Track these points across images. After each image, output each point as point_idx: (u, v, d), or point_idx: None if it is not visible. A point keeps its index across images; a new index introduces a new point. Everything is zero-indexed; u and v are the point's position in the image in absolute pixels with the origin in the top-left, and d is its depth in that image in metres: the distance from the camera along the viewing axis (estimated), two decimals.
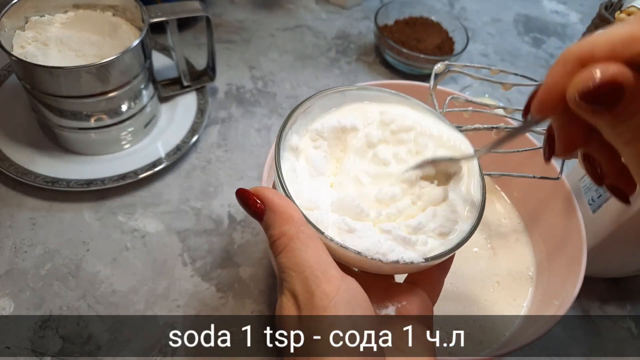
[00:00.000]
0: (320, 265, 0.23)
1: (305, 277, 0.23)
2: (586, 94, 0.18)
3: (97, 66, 0.46)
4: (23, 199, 0.51)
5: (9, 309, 0.43)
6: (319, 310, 0.22)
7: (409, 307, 0.27)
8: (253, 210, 0.25)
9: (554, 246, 0.45)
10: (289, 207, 0.25)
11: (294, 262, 0.24)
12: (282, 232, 0.24)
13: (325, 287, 0.23)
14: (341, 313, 0.22)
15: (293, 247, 0.24)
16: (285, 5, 0.78)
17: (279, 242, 0.24)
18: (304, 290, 0.23)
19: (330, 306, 0.22)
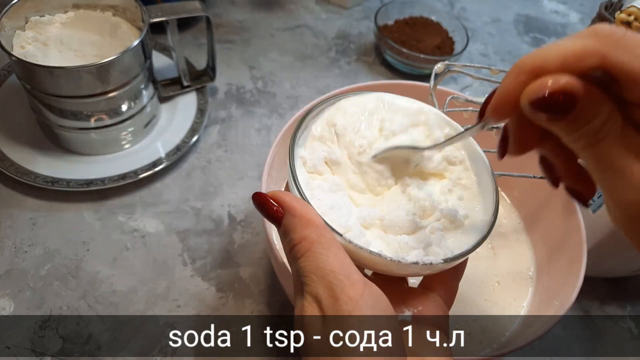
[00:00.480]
0: (344, 269, 0.23)
1: (328, 281, 0.23)
2: (537, 102, 0.19)
3: (97, 66, 0.46)
4: (23, 199, 0.51)
5: (9, 309, 0.43)
6: (344, 314, 0.22)
7: (425, 312, 0.27)
8: (272, 215, 0.25)
9: (554, 246, 0.45)
10: (309, 211, 0.25)
11: (316, 266, 0.23)
12: (303, 237, 0.24)
13: (350, 292, 0.22)
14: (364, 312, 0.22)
15: (315, 252, 0.23)
16: (285, 5, 0.78)
17: (300, 247, 0.24)
18: (328, 294, 0.23)
19: (356, 310, 0.22)
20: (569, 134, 0.20)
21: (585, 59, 0.19)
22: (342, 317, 0.22)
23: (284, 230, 0.25)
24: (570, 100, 0.19)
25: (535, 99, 0.19)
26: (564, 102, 0.19)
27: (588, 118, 0.19)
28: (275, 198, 0.25)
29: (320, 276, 0.23)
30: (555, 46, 0.19)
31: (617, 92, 0.19)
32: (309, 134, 0.30)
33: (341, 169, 0.30)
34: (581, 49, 0.19)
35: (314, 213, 0.25)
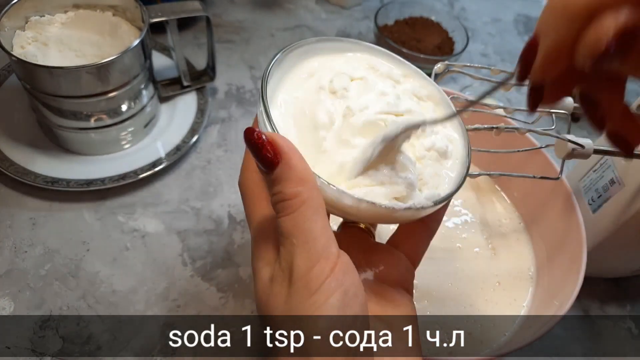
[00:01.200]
0: (324, 238, 0.22)
1: (309, 248, 0.21)
2: (604, 57, 0.17)
3: (97, 66, 0.46)
4: (23, 199, 0.50)
5: (8, 309, 0.43)
6: (310, 291, 0.21)
7: (387, 272, 0.26)
8: (266, 160, 0.22)
9: (554, 246, 0.45)
10: (306, 166, 0.22)
11: (301, 229, 0.22)
12: (295, 193, 0.22)
13: (324, 265, 0.21)
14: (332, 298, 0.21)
15: (303, 213, 0.22)
16: (285, 5, 0.78)
17: (289, 203, 0.22)
18: (304, 262, 0.21)
19: (323, 287, 0.21)
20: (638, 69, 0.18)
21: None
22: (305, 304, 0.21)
23: (276, 178, 0.22)
24: (636, 36, 0.16)
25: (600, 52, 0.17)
26: (629, 40, 0.17)
27: None
28: (272, 141, 0.22)
29: (301, 241, 0.22)
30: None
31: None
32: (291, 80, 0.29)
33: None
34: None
35: (308, 167, 0.23)
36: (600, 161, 0.46)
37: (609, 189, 0.44)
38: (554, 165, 0.45)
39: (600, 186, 0.45)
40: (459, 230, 0.47)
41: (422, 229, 0.29)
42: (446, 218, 0.48)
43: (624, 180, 0.42)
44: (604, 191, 0.44)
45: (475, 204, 0.50)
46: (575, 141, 0.37)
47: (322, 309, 0.21)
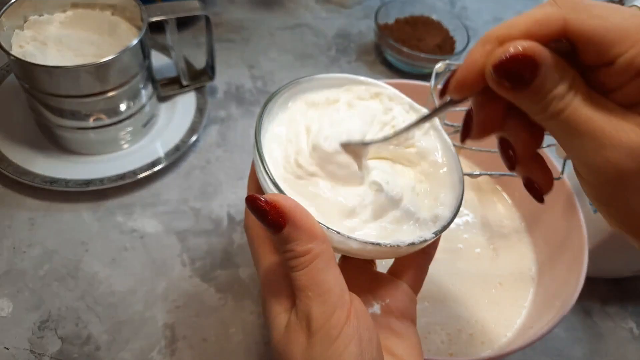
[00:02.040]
0: (338, 289, 0.23)
1: (324, 300, 0.23)
2: (499, 66, 0.19)
3: (95, 65, 0.46)
4: (22, 199, 0.50)
5: (7, 309, 0.43)
6: (331, 340, 0.22)
7: (393, 305, 0.27)
8: (273, 224, 0.23)
9: (555, 247, 0.44)
10: (313, 222, 0.23)
11: (315, 282, 0.23)
12: (307, 250, 0.23)
13: (340, 313, 0.22)
14: (351, 346, 0.22)
15: (317, 267, 0.23)
16: (285, 4, 0.78)
17: (302, 260, 0.23)
18: (321, 313, 0.22)
19: (342, 336, 0.22)
20: (535, 104, 0.20)
21: (547, 25, 0.19)
22: (326, 353, 0.22)
23: (285, 239, 0.23)
24: (533, 64, 0.19)
25: (498, 62, 0.19)
26: (528, 66, 0.19)
27: (553, 84, 0.19)
28: (274, 204, 0.23)
29: (317, 294, 0.23)
30: (520, 16, 0.20)
31: (581, 59, 0.20)
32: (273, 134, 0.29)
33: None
34: (543, 16, 0.19)
35: (316, 223, 0.24)
36: None
37: None
38: (556, 165, 0.45)
39: None
40: (460, 230, 0.47)
41: (421, 257, 0.30)
42: None
43: None
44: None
45: (476, 205, 0.50)
46: None
47: (342, 356, 0.22)
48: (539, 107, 0.20)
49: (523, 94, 0.20)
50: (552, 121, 0.20)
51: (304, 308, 0.23)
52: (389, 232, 0.27)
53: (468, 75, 0.21)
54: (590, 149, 0.19)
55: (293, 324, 0.24)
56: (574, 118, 0.19)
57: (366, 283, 0.28)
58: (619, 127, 0.19)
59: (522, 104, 0.20)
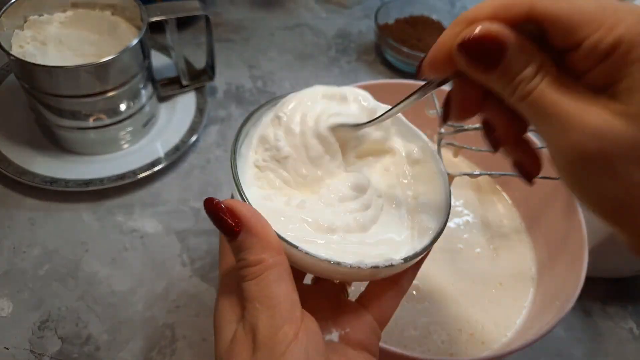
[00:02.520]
0: (288, 303, 0.22)
1: (273, 313, 0.22)
2: (465, 46, 0.20)
3: (95, 65, 0.46)
4: (22, 199, 0.50)
5: (7, 309, 0.43)
6: (275, 355, 0.21)
7: (352, 335, 0.26)
8: (227, 229, 0.22)
9: (555, 246, 0.44)
10: (269, 232, 0.23)
11: (265, 294, 0.22)
12: (259, 260, 0.22)
13: (288, 329, 0.22)
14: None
15: (267, 279, 0.22)
16: (284, 4, 0.78)
17: (253, 270, 0.22)
18: (268, 327, 0.21)
19: (287, 354, 0.21)
20: (504, 86, 0.20)
21: (513, 7, 0.20)
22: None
23: (239, 246, 0.23)
24: (498, 45, 0.19)
25: (461, 41, 0.20)
26: (493, 47, 0.19)
27: (520, 67, 0.20)
28: (231, 209, 0.22)
29: (265, 306, 0.22)
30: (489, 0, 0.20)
31: (550, 43, 0.20)
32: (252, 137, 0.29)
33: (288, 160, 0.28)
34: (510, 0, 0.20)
35: (272, 233, 0.23)
36: None
37: None
38: None
39: None
40: (460, 230, 0.47)
41: (392, 288, 0.28)
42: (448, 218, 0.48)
43: None
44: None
45: (476, 204, 0.50)
46: None
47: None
48: (508, 89, 0.20)
49: (491, 75, 0.20)
50: (521, 103, 0.20)
51: (251, 319, 0.22)
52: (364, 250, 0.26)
53: (438, 55, 0.22)
54: (557, 132, 0.19)
55: (239, 335, 0.22)
56: (541, 100, 0.19)
57: (329, 309, 0.27)
58: (584, 110, 0.19)
59: (493, 87, 0.21)
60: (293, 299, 0.22)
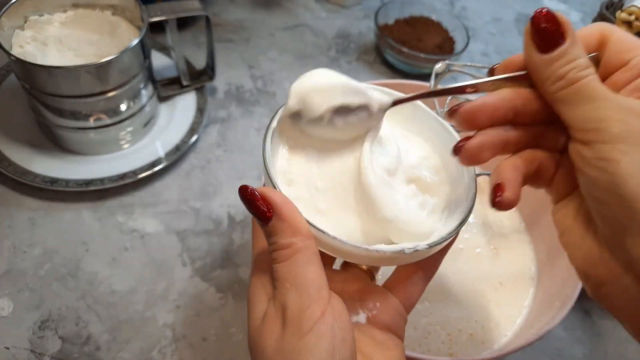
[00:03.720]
0: (316, 283, 0.23)
1: (301, 293, 0.23)
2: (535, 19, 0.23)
3: (96, 66, 0.46)
4: (22, 198, 0.50)
5: (8, 309, 0.43)
6: (302, 333, 0.22)
7: (380, 316, 0.27)
8: (260, 216, 0.24)
9: (554, 247, 0.44)
10: (298, 217, 0.24)
11: (294, 275, 0.23)
12: (289, 243, 0.23)
13: (315, 308, 0.23)
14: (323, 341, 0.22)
15: (297, 260, 0.23)
16: (284, 4, 0.78)
17: (284, 252, 0.24)
18: (297, 305, 0.23)
19: (314, 330, 0.22)
20: (558, 68, 0.22)
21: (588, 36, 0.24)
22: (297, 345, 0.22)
23: (271, 231, 0.24)
24: (563, 27, 0.22)
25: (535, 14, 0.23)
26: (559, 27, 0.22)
27: (577, 54, 0.22)
28: (264, 196, 0.24)
29: (295, 286, 0.23)
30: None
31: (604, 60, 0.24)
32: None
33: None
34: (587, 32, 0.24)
35: (302, 219, 0.24)
36: None
37: None
38: None
39: None
40: (461, 231, 0.47)
41: (418, 275, 0.29)
42: None
43: None
44: None
45: (476, 205, 0.50)
46: None
47: (312, 351, 0.22)
48: (559, 72, 0.22)
49: (551, 53, 0.22)
50: (568, 89, 0.22)
51: (281, 298, 0.23)
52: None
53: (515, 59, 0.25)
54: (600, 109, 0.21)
55: (270, 312, 0.24)
56: (590, 87, 0.22)
57: (357, 292, 0.28)
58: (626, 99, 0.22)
59: (546, 68, 0.23)
60: (321, 280, 0.24)
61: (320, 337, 0.22)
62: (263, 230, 0.25)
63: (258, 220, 0.24)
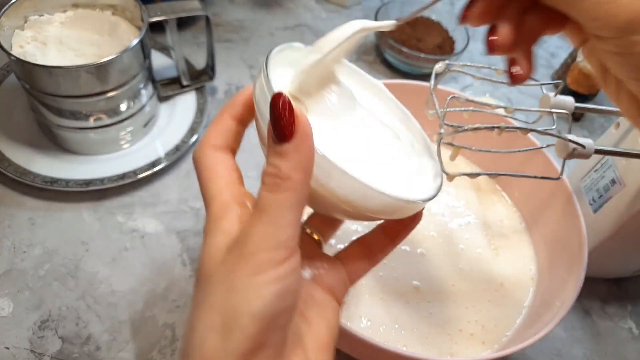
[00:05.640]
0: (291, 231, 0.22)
1: (274, 232, 0.21)
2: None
3: (96, 66, 0.46)
4: (22, 198, 0.50)
5: (7, 309, 0.43)
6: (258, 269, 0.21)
7: (324, 278, 0.28)
8: (282, 132, 0.21)
9: (554, 246, 0.45)
10: (311, 157, 0.22)
11: (275, 212, 0.22)
12: (289, 176, 0.21)
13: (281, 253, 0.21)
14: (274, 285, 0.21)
15: (286, 200, 0.22)
16: (285, 4, 0.78)
17: (279, 183, 0.21)
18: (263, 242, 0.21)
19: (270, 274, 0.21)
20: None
21: None
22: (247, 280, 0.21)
23: (280, 152, 0.22)
24: None
25: None
26: None
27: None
28: (297, 117, 0.21)
29: (271, 223, 0.21)
30: None
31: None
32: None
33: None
34: None
35: (313, 161, 0.22)
36: (601, 161, 0.45)
37: (609, 189, 0.44)
38: (555, 165, 0.45)
39: (601, 186, 0.45)
40: (462, 231, 0.47)
41: (368, 256, 0.30)
42: (449, 219, 0.48)
43: (625, 180, 0.42)
44: (605, 191, 0.44)
45: (476, 205, 0.50)
46: (576, 141, 0.36)
47: (260, 290, 0.21)
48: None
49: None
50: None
51: (250, 228, 0.22)
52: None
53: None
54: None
55: (232, 246, 0.22)
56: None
57: (306, 253, 0.27)
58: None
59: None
60: (295, 230, 0.22)
61: (274, 281, 0.21)
62: (271, 144, 0.22)
63: (275, 133, 0.22)
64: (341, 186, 0.24)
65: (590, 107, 0.42)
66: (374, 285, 0.42)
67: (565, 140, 0.37)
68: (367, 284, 0.42)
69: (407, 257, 0.44)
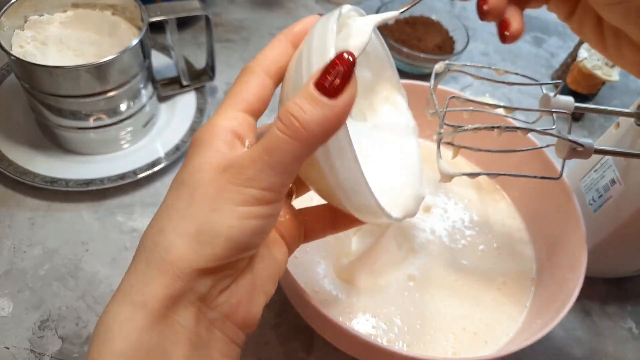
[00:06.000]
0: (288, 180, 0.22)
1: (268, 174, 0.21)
2: None
3: (96, 65, 0.46)
4: (22, 198, 0.50)
5: (7, 309, 0.43)
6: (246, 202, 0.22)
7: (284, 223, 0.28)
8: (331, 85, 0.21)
9: (554, 246, 0.45)
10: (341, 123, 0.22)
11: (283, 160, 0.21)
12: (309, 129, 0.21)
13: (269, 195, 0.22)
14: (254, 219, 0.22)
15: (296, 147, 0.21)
16: (285, 4, 0.78)
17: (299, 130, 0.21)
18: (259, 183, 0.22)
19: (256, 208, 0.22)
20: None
21: None
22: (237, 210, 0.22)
23: (316, 99, 0.21)
24: None
25: None
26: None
27: None
28: (352, 83, 0.21)
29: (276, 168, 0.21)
30: None
31: None
32: None
33: None
34: None
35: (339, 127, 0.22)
36: (601, 161, 0.45)
37: (609, 188, 0.44)
38: (555, 165, 0.45)
39: (601, 186, 0.45)
40: (463, 230, 0.47)
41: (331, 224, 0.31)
42: (451, 217, 0.48)
43: (625, 180, 0.42)
44: (605, 191, 0.44)
45: (477, 204, 0.50)
46: (576, 141, 0.36)
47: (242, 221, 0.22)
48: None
49: None
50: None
51: (249, 161, 0.22)
52: None
53: None
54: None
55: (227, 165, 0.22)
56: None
57: None
58: None
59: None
60: (290, 180, 0.23)
61: (253, 217, 0.22)
62: (310, 87, 0.21)
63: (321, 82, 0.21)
64: (342, 168, 0.24)
65: (590, 107, 0.42)
66: (374, 284, 0.42)
67: (565, 140, 0.37)
68: (367, 284, 0.42)
69: (408, 256, 0.44)
